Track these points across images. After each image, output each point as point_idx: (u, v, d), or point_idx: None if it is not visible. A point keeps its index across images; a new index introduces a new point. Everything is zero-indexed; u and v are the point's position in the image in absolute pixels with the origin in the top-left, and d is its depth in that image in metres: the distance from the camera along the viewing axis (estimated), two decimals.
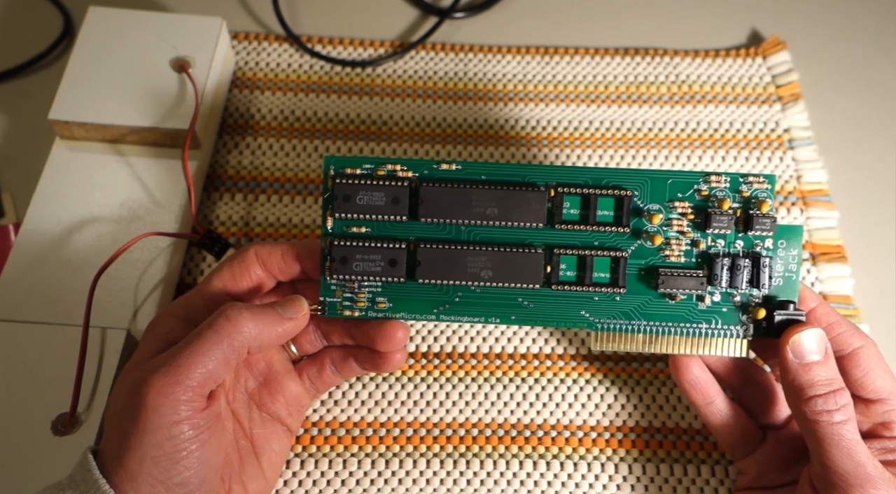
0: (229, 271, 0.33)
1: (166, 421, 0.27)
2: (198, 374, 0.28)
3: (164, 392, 0.27)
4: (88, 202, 0.40)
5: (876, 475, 0.29)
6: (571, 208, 0.32)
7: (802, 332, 0.30)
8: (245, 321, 0.29)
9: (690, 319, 0.33)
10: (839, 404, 0.30)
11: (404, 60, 0.50)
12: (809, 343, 0.30)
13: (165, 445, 0.27)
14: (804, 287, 0.33)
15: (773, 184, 0.32)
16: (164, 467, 0.27)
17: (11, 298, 0.37)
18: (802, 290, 0.33)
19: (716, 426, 0.35)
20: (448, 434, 0.38)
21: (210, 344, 0.29)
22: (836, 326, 0.32)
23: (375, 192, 0.32)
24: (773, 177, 0.32)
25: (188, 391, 0.28)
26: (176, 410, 0.27)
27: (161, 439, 0.27)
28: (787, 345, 0.31)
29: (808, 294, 0.33)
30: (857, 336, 0.32)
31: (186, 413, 0.28)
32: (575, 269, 0.32)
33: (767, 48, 0.51)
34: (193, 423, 0.28)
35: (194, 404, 0.28)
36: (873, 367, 0.31)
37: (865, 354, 0.32)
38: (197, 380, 0.28)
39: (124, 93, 0.42)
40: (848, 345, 0.32)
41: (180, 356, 0.28)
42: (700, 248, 0.32)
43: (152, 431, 0.27)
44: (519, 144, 0.47)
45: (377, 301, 0.33)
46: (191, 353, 0.28)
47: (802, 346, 0.30)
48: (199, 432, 0.28)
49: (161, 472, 0.27)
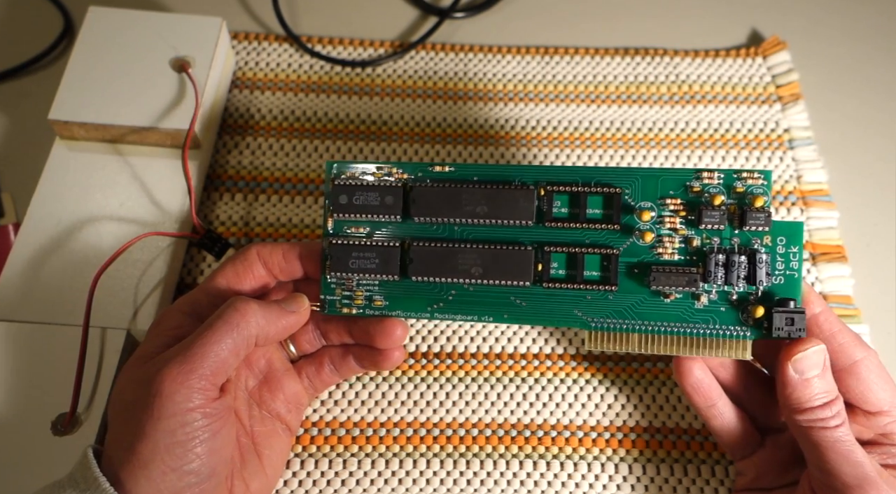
0: (233, 269, 0.33)
1: (180, 408, 0.28)
2: (211, 363, 0.29)
3: (178, 380, 0.28)
4: (88, 202, 0.40)
5: (874, 475, 0.29)
6: (561, 206, 0.32)
7: (807, 351, 0.30)
8: (253, 312, 0.30)
9: (687, 319, 0.32)
10: (834, 411, 0.30)
11: (404, 60, 0.50)
12: (812, 360, 0.30)
13: (178, 432, 0.28)
14: (810, 289, 0.32)
15: (769, 179, 0.31)
16: (176, 455, 0.28)
17: (11, 298, 0.37)
18: (808, 292, 0.32)
19: (716, 428, 0.35)
20: (448, 435, 0.38)
21: (221, 334, 0.29)
22: (839, 336, 0.31)
23: (371, 193, 0.33)
24: (769, 172, 0.31)
25: (202, 379, 0.28)
26: (189, 397, 0.28)
27: (175, 426, 0.28)
28: (788, 361, 0.30)
29: (814, 297, 0.32)
30: (859, 347, 0.31)
31: (199, 401, 0.28)
32: (565, 267, 0.32)
33: (767, 48, 0.51)
34: (206, 412, 0.28)
35: (208, 393, 0.28)
36: (874, 380, 0.31)
37: (866, 366, 0.31)
38: (210, 369, 0.28)
39: (124, 93, 0.42)
40: (849, 357, 0.31)
41: (194, 345, 0.29)
42: (693, 245, 0.32)
43: (167, 418, 0.27)
44: (519, 144, 0.46)
45: (374, 299, 0.34)
46: (204, 343, 0.29)
47: (804, 364, 0.30)
48: (212, 421, 0.28)
49: (174, 459, 0.27)
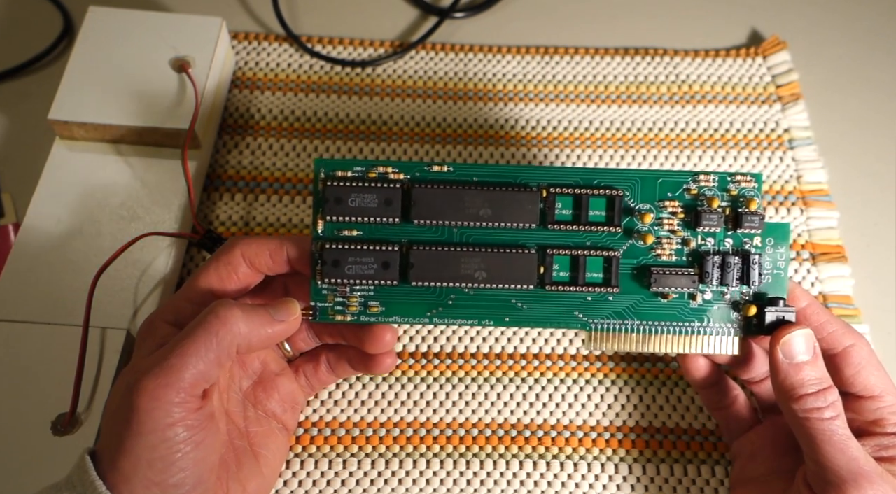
0: (216, 273, 0.32)
1: (160, 425, 0.27)
2: (189, 375, 0.27)
3: (155, 395, 0.27)
4: (88, 202, 0.40)
5: (869, 469, 0.29)
6: (563, 208, 0.32)
7: (792, 333, 0.31)
8: (236, 319, 0.29)
9: (682, 318, 0.33)
10: (828, 401, 0.30)
11: (404, 60, 0.50)
12: (798, 343, 0.31)
13: (160, 448, 0.27)
14: (795, 285, 0.33)
15: (760, 182, 0.32)
16: (158, 469, 0.27)
17: (11, 298, 0.37)
18: (793, 288, 0.33)
19: (713, 400, 0.36)
20: (448, 435, 0.38)
21: (200, 344, 0.28)
22: (827, 325, 0.32)
23: (367, 195, 0.31)
24: (759, 175, 0.32)
25: (180, 392, 0.27)
26: (169, 412, 0.27)
27: (155, 442, 0.27)
28: (777, 346, 0.31)
29: (800, 292, 0.33)
30: (849, 334, 0.32)
31: (180, 415, 0.27)
32: (568, 270, 0.32)
33: (767, 48, 0.51)
34: (187, 425, 0.27)
35: (187, 405, 0.27)
36: (865, 365, 0.32)
37: (857, 352, 0.32)
38: (189, 381, 0.27)
39: (124, 93, 0.42)
40: (839, 343, 0.32)
41: (171, 356, 0.28)
42: (691, 247, 0.32)
43: (146, 434, 0.27)
44: (518, 144, 0.46)
45: (369, 305, 0.32)
46: (182, 353, 0.28)
47: (792, 347, 0.31)
48: (194, 433, 0.28)
49: (156, 474, 0.27)
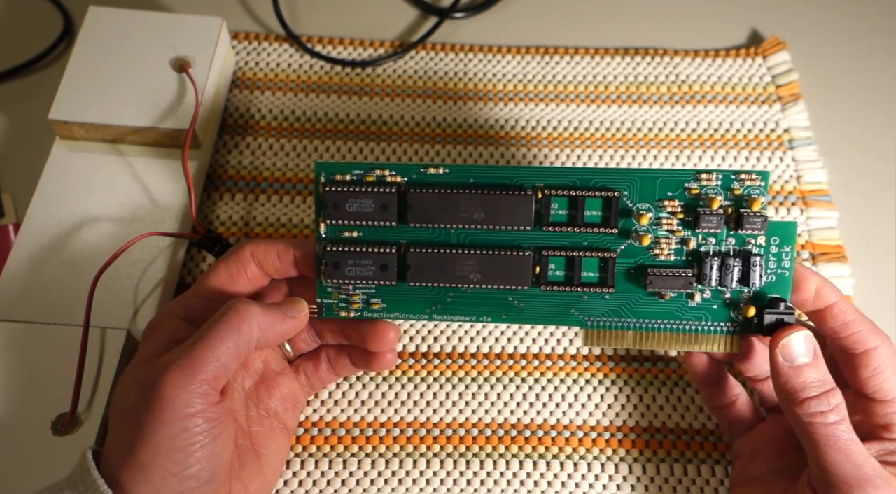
0: (226, 271, 0.33)
1: (181, 414, 0.27)
2: (212, 367, 0.28)
3: (179, 384, 0.28)
4: (88, 202, 0.40)
5: (874, 473, 0.29)
6: (559, 209, 0.32)
7: (791, 335, 0.30)
8: (254, 315, 0.30)
9: (680, 316, 0.32)
10: (832, 404, 0.30)
11: (404, 60, 0.50)
12: (798, 346, 0.30)
13: (179, 437, 0.27)
14: (823, 281, 0.32)
15: (767, 180, 0.31)
16: (176, 459, 0.27)
17: (11, 298, 0.37)
18: (822, 286, 0.32)
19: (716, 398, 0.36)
20: (448, 435, 0.38)
21: (222, 338, 0.29)
22: (853, 325, 0.31)
23: (364, 199, 0.32)
24: (766, 173, 0.31)
25: (203, 384, 0.28)
26: (191, 402, 0.28)
27: (176, 431, 0.27)
28: (776, 349, 0.30)
29: (829, 290, 0.32)
30: (874, 336, 0.31)
31: (201, 406, 0.28)
32: (564, 270, 0.32)
33: (767, 48, 0.51)
34: (207, 416, 0.28)
35: (209, 398, 0.28)
36: (884, 368, 0.31)
37: (879, 354, 0.31)
38: (212, 373, 0.28)
39: (124, 93, 0.42)
40: (862, 345, 0.31)
41: (195, 349, 0.28)
42: (690, 247, 0.32)
43: (168, 423, 0.27)
44: (518, 144, 0.46)
45: (371, 302, 0.33)
46: (204, 346, 0.28)
47: (792, 349, 0.30)
48: (212, 425, 0.28)
49: (174, 464, 0.27)
